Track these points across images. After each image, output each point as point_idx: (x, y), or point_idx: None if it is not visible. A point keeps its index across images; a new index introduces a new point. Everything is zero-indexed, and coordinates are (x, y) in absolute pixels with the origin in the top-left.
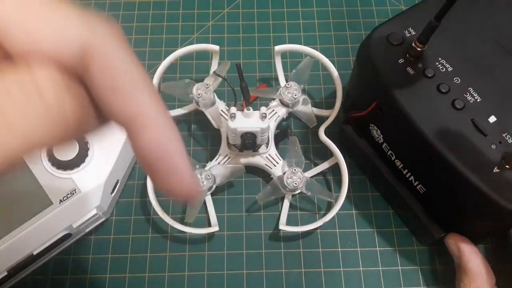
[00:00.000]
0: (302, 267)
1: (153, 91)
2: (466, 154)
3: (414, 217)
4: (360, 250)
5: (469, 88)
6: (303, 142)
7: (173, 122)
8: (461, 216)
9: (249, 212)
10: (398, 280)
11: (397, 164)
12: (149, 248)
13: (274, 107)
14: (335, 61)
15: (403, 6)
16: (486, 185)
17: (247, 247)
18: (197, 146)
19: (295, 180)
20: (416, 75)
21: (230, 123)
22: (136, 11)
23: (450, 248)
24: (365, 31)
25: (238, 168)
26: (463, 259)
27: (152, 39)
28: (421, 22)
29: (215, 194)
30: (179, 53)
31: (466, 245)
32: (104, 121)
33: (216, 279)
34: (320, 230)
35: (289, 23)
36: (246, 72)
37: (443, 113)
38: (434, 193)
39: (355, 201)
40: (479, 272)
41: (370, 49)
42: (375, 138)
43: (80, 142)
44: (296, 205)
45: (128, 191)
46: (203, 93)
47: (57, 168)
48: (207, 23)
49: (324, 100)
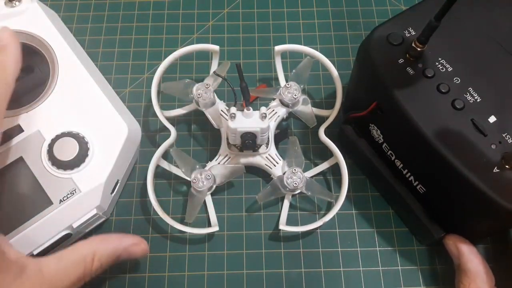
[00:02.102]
0: (302, 267)
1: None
2: (466, 154)
3: (414, 217)
4: (360, 250)
5: (469, 88)
6: (303, 142)
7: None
8: (461, 216)
9: (249, 212)
10: (398, 280)
11: (397, 164)
12: (149, 248)
13: (274, 107)
14: (335, 61)
15: (403, 6)
16: (486, 185)
17: (247, 247)
18: (197, 146)
19: (295, 180)
20: (416, 75)
21: (230, 123)
22: (136, 11)
23: (449, 249)
24: (365, 31)
25: (238, 168)
26: (462, 259)
27: (152, 39)
28: (421, 22)
29: (215, 194)
30: (179, 53)
31: (465, 246)
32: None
33: (216, 279)
34: (320, 230)
35: (289, 23)
36: (246, 72)
37: (443, 113)
38: (434, 193)
39: (355, 201)
40: (478, 273)
41: (370, 49)
42: (375, 138)
43: (80, 142)
44: (296, 205)
45: (128, 191)
46: (203, 93)
47: (57, 168)
48: (207, 23)
49: (324, 100)
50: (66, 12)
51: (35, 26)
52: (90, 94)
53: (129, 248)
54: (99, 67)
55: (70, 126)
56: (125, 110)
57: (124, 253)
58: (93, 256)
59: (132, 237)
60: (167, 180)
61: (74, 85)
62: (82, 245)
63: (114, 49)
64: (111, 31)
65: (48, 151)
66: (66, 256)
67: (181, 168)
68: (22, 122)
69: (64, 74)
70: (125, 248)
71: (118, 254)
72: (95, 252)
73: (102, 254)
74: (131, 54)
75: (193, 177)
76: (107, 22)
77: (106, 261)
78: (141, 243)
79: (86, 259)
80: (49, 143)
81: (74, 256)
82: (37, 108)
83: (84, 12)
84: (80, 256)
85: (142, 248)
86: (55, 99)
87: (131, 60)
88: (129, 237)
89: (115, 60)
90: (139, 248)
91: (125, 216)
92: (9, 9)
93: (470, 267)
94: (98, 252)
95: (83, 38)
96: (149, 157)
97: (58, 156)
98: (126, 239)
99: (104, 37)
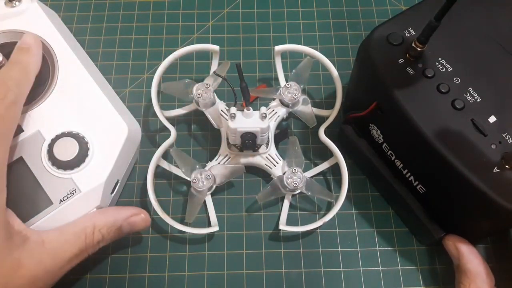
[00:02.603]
0: (302, 267)
1: None
2: (466, 154)
3: (414, 217)
4: (360, 250)
5: (469, 88)
6: (303, 142)
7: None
8: (461, 216)
9: (249, 212)
10: (398, 280)
11: (397, 164)
12: (149, 248)
13: (274, 107)
14: (335, 61)
15: (403, 6)
16: (486, 185)
17: (247, 247)
18: (197, 146)
19: (295, 180)
20: (416, 75)
21: (230, 123)
22: (136, 11)
23: (448, 249)
24: (365, 31)
25: (238, 168)
26: (462, 260)
27: (152, 39)
28: (421, 22)
29: (215, 194)
30: (179, 53)
31: (464, 246)
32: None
33: (216, 279)
34: (320, 230)
35: (289, 23)
36: (246, 72)
37: (443, 113)
38: (434, 193)
39: (355, 201)
40: (478, 273)
41: (370, 49)
42: (375, 138)
43: (80, 142)
44: (296, 205)
45: (128, 191)
46: (203, 93)
47: (57, 168)
48: (207, 23)
49: (324, 100)
50: (66, 12)
51: (35, 26)
52: (90, 94)
53: (129, 220)
54: (99, 67)
55: (70, 126)
56: (125, 110)
57: (126, 224)
58: (93, 228)
59: (131, 208)
60: (167, 180)
61: (74, 85)
62: (81, 218)
63: (114, 49)
64: (111, 31)
65: (48, 151)
66: (66, 228)
67: (181, 168)
68: (22, 122)
69: (64, 74)
70: (125, 219)
71: (119, 226)
72: (95, 224)
73: (101, 225)
74: (131, 54)
75: (193, 177)
76: (107, 22)
77: (107, 232)
78: (141, 212)
79: (87, 230)
80: (49, 143)
81: (74, 229)
82: (37, 108)
83: (84, 12)
84: (80, 228)
85: (142, 218)
86: (55, 99)
87: (131, 60)
88: (128, 208)
89: (115, 60)
90: (139, 218)
91: None
92: (9, 9)
93: (470, 268)
94: (97, 224)
95: (83, 38)
96: (149, 157)
97: (58, 156)
98: (125, 210)
99: (104, 37)
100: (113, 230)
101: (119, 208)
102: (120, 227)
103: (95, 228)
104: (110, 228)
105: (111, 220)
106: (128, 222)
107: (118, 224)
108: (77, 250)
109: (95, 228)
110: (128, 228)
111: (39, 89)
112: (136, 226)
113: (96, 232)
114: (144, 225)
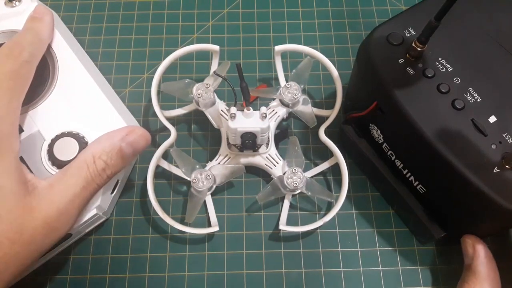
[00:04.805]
0: (302, 267)
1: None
2: (466, 154)
3: (414, 217)
4: (360, 250)
5: (469, 88)
6: (303, 142)
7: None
8: (461, 216)
9: (249, 212)
10: (398, 280)
11: (397, 164)
12: (149, 248)
13: (274, 107)
14: (335, 61)
15: (403, 6)
16: (486, 185)
17: (247, 247)
18: (197, 146)
19: (295, 180)
20: (416, 75)
21: (230, 123)
22: (136, 11)
23: (465, 247)
24: (365, 31)
25: (238, 168)
26: (476, 261)
27: (152, 39)
28: (421, 22)
29: (215, 194)
30: (179, 53)
31: (482, 248)
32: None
33: (216, 279)
34: (320, 230)
35: (289, 23)
36: (246, 72)
37: (443, 113)
38: (434, 193)
39: (355, 201)
40: (488, 277)
41: (370, 49)
42: (375, 138)
43: (80, 142)
44: (296, 205)
45: (128, 191)
46: (203, 93)
47: (57, 168)
48: (207, 23)
49: (324, 100)
50: (66, 12)
51: None
52: (90, 94)
53: (127, 139)
54: (99, 67)
55: (70, 126)
56: (125, 110)
57: (125, 145)
58: (92, 157)
59: (123, 127)
60: (167, 180)
61: (74, 85)
62: (79, 154)
63: (114, 49)
64: (111, 31)
65: (48, 151)
66: (68, 167)
67: (181, 168)
68: (22, 122)
69: (64, 74)
70: (121, 139)
71: (119, 148)
72: (93, 153)
73: (100, 152)
74: (131, 54)
75: (193, 177)
76: (107, 22)
77: (109, 158)
78: (135, 128)
79: (87, 160)
80: (49, 143)
81: (75, 164)
82: (37, 108)
83: (84, 12)
84: (80, 160)
85: (139, 134)
86: (55, 99)
87: (131, 60)
88: (121, 128)
89: (115, 60)
90: (137, 135)
91: (125, 216)
92: (9, 9)
93: (481, 270)
94: (95, 152)
95: (83, 38)
96: (149, 157)
97: (58, 156)
98: (118, 131)
99: (104, 37)
100: (114, 154)
101: (112, 131)
102: (120, 149)
103: (94, 156)
104: (110, 152)
105: (107, 145)
106: (127, 142)
107: (117, 147)
108: (84, 181)
109: (94, 156)
110: (130, 148)
111: (39, 89)
112: (137, 144)
113: (97, 160)
114: (144, 141)
